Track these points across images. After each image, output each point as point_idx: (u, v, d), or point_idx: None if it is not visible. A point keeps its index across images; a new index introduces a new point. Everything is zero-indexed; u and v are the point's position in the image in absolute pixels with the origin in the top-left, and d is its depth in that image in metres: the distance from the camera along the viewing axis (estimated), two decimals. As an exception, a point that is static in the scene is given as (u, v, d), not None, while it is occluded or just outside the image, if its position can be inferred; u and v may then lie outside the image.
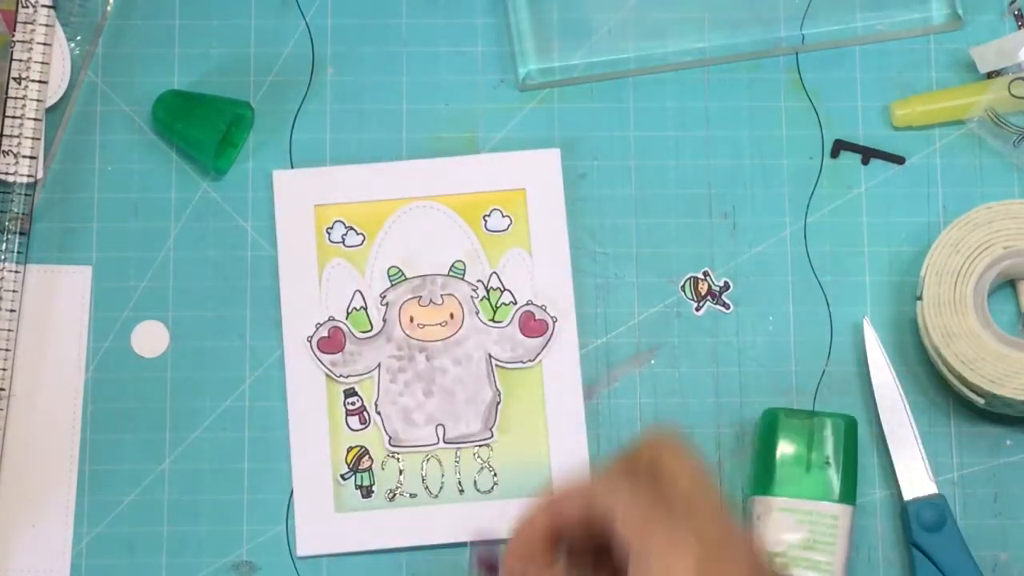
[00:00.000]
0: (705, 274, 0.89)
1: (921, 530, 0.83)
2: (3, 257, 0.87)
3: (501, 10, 0.91)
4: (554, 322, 0.88)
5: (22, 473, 0.86)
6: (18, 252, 0.87)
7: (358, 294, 0.89)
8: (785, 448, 0.84)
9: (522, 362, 0.88)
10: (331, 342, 0.88)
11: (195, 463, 0.87)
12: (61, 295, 0.88)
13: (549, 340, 0.88)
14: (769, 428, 0.84)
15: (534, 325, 0.88)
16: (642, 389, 0.88)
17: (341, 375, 0.88)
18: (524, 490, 0.86)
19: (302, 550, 0.86)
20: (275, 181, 0.89)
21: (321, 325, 0.88)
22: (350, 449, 0.87)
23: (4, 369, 0.86)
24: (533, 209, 0.89)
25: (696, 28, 0.90)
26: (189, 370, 0.88)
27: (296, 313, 0.88)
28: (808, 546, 0.82)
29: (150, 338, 0.88)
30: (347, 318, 0.88)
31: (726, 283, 0.89)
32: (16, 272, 0.87)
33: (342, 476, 0.87)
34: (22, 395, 0.87)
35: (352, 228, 0.89)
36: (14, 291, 0.87)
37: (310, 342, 0.88)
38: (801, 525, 0.82)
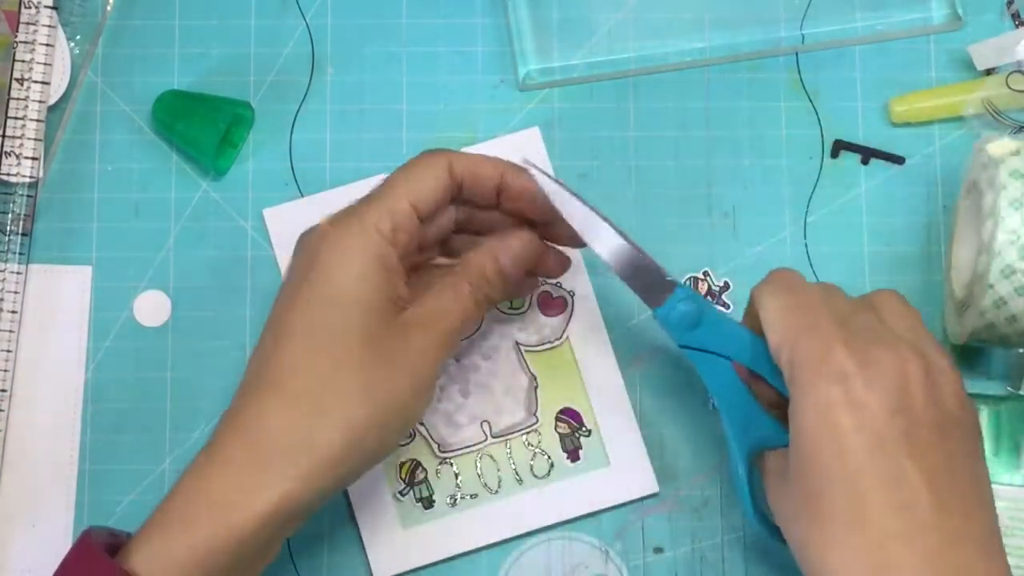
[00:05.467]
0: (705, 274, 0.89)
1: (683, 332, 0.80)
2: (5, 258, 0.87)
3: (501, 10, 0.91)
4: (572, 296, 0.88)
5: (22, 473, 0.86)
6: (20, 253, 0.87)
7: None
8: None
9: (550, 342, 0.87)
10: None
11: (195, 463, 0.87)
12: (61, 295, 0.88)
13: (571, 315, 0.88)
14: None
15: (553, 303, 0.88)
16: (642, 389, 0.88)
17: None
18: (581, 467, 0.86)
19: (379, 574, 0.86)
20: (267, 219, 0.89)
21: None
22: (401, 465, 0.87)
23: (6, 371, 0.86)
24: None
25: (696, 28, 0.90)
26: (189, 370, 0.88)
27: None
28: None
29: (150, 338, 0.88)
30: None
31: (726, 283, 0.89)
32: (18, 273, 0.87)
33: (400, 493, 0.87)
34: (22, 395, 0.87)
35: (352, 249, 0.89)
36: (16, 292, 0.87)
37: None
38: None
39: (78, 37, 0.90)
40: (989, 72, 0.89)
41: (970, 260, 0.84)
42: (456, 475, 0.87)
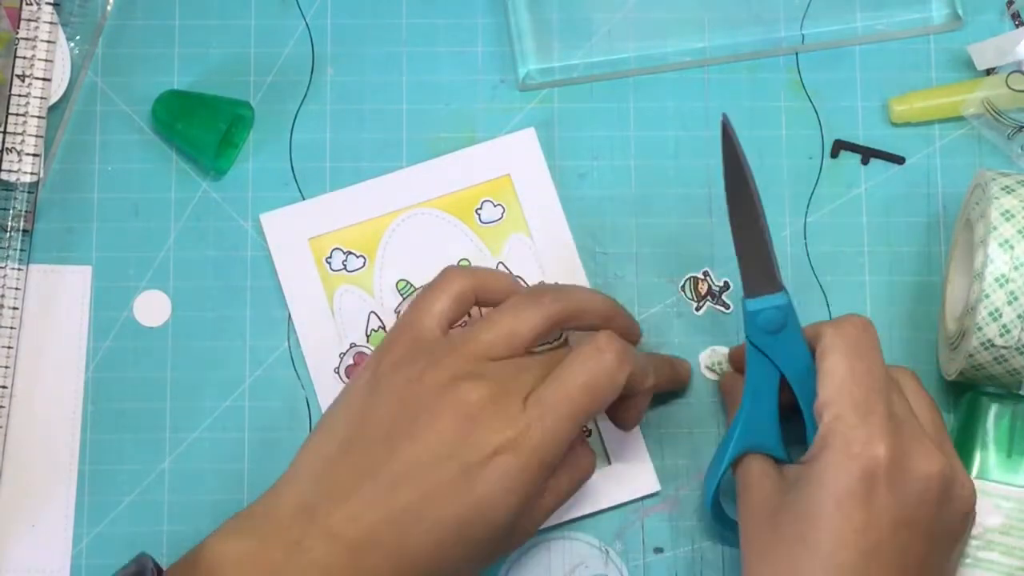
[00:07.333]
0: (705, 274, 0.89)
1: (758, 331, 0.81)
2: (6, 255, 0.87)
3: (501, 10, 0.91)
4: None
5: (22, 473, 0.86)
6: (21, 250, 0.87)
7: (373, 315, 0.88)
8: (987, 431, 0.83)
9: (549, 342, 0.87)
10: (358, 368, 0.87)
11: (195, 463, 0.87)
12: (61, 295, 0.88)
13: None
14: (971, 411, 0.84)
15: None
16: (642, 389, 0.88)
17: None
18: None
19: None
20: (264, 224, 0.89)
21: (344, 354, 0.88)
22: None
23: (7, 367, 0.86)
24: (522, 192, 0.89)
25: (696, 28, 0.91)
26: (189, 370, 0.88)
27: (316, 348, 0.88)
28: (1004, 531, 0.81)
29: (150, 338, 0.88)
30: (368, 341, 0.88)
31: (726, 283, 0.89)
32: (19, 270, 0.87)
33: None
34: (22, 395, 0.87)
35: (351, 253, 0.89)
36: (17, 288, 0.87)
37: (337, 373, 0.87)
38: (998, 509, 0.81)
39: (78, 37, 0.90)
40: (989, 72, 0.89)
41: (963, 293, 0.84)
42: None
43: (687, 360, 0.87)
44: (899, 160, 0.90)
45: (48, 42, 0.89)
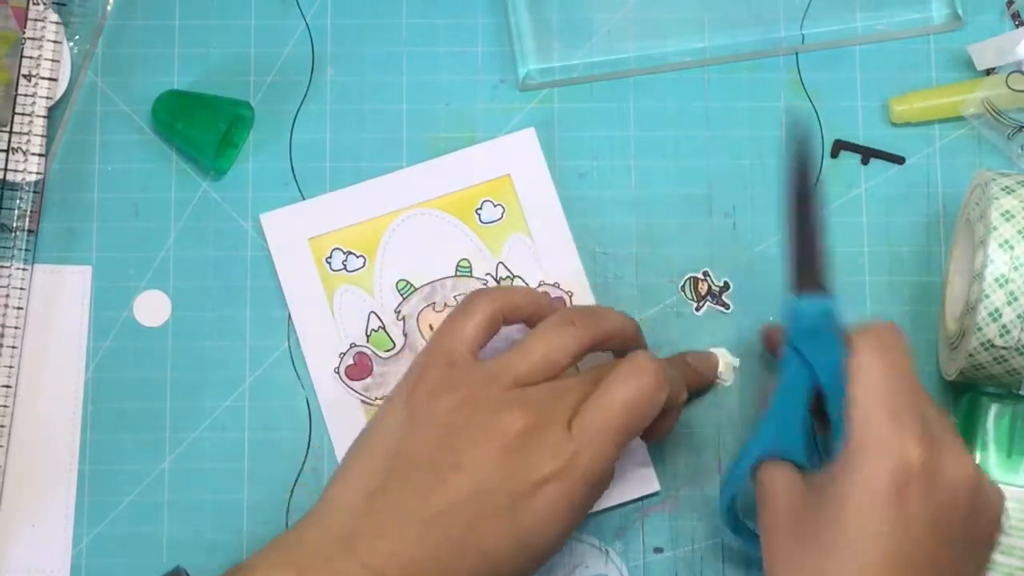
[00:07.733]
0: (705, 274, 0.89)
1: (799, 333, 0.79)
2: (11, 255, 0.87)
3: (501, 10, 0.91)
4: (570, 297, 0.88)
5: (22, 473, 0.86)
6: (26, 250, 0.87)
7: (373, 315, 0.88)
8: (987, 431, 0.83)
9: None
10: (358, 368, 0.88)
11: (195, 463, 0.87)
12: (61, 295, 0.88)
13: None
14: (971, 411, 0.84)
15: (552, 303, 0.87)
16: (642, 389, 0.87)
17: (376, 398, 0.87)
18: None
19: None
20: (264, 224, 0.89)
21: (344, 354, 0.88)
22: None
23: (11, 367, 0.86)
24: (522, 192, 0.89)
25: (696, 28, 0.91)
26: (189, 370, 0.88)
27: (316, 348, 0.88)
28: (1004, 531, 0.80)
29: (150, 338, 0.88)
30: (368, 341, 0.88)
31: (726, 283, 0.89)
32: (24, 270, 0.87)
33: None
34: (24, 395, 0.87)
35: (351, 253, 0.89)
36: (22, 288, 0.87)
37: (337, 373, 0.87)
38: None
39: (77, 37, 0.90)
40: (989, 72, 0.89)
41: (963, 293, 0.85)
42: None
43: (712, 354, 0.87)
44: (899, 160, 0.90)
45: (54, 42, 0.89)
